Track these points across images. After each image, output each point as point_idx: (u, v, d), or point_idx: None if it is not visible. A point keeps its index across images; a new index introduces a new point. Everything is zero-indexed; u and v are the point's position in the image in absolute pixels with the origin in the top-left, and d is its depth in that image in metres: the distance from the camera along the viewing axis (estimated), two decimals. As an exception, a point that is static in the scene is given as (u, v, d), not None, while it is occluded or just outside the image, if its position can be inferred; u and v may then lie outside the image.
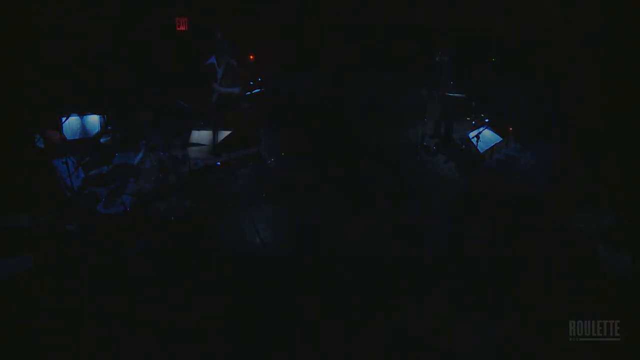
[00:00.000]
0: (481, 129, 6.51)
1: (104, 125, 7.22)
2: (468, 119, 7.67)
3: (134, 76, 8.35)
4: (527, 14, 9.62)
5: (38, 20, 7.68)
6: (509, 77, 9.68)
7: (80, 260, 5.16)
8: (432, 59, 8.18)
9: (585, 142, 7.23)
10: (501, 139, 7.09)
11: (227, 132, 7.16)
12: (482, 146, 6.50)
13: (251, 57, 8.01)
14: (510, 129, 7.29)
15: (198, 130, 7.24)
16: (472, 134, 6.91)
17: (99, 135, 7.11)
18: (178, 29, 9.37)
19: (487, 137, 6.48)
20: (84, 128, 7.18)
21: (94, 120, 7.24)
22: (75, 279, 4.91)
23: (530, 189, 6.46)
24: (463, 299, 4.71)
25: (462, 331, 4.21)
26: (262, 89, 7.59)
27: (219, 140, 7.09)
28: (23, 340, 4.05)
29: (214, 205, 5.13)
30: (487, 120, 7.11)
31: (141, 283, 4.77)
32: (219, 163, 6.70)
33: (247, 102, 7.45)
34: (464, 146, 7.27)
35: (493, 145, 7.07)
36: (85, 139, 7.06)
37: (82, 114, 7.18)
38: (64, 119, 6.81)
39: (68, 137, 6.88)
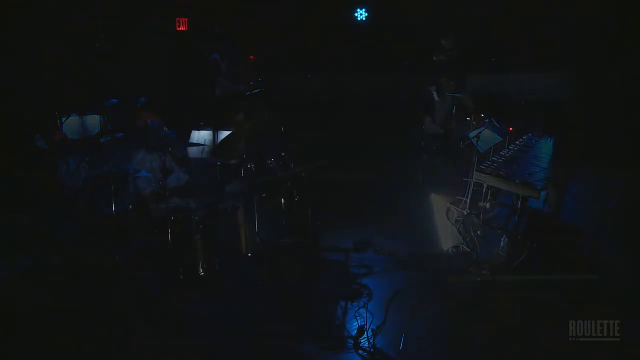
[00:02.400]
0: (481, 129, 6.50)
1: (104, 125, 7.21)
2: (468, 119, 7.66)
3: (134, 76, 8.36)
4: (526, 13, 9.64)
5: (38, 20, 7.69)
6: (509, 77, 9.71)
7: (80, 259, 5.16)
8: (432, 59, 8.19)
9: (585, 142, 7.22)
10: (501, 139, 7.09)
11: (227, 132, 7.15)
12: (482, 146, 6.49)
13: (251, 57, 8.02)
14: (511, 128, 7.27)
15: (198, 130, 7.22)
16: (472, 134, 6.91)
17: (99, 135, 7.10)
18: (178, 29, 9.39)
19: (487, 137, 6.47)
20: (84, 128, 7.17)
21: (94, 120, 7.23)
22: (75, 279, 4.91)
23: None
24: (463, 298, 4.72)
25: (462, 331, 4.22)
26: (262, 89, 7.59)
27: (218, 140, 7.07)
28: (23, 340, 4.05)
29: (214, 205, 5.13)
30: (487, 120, 7.11)
31: (141, 283, 4.77)
32: (219, 163, 6.69)
33: (247, 102, 7.45)
34: (464, 146, 7.26)
35: (493, 145, 7.06)
36: (85, 139, 7.05)
37: (82, 114, 7.18)
38: (64, 119, 6.81)
39: (68, 137, 6.88)
